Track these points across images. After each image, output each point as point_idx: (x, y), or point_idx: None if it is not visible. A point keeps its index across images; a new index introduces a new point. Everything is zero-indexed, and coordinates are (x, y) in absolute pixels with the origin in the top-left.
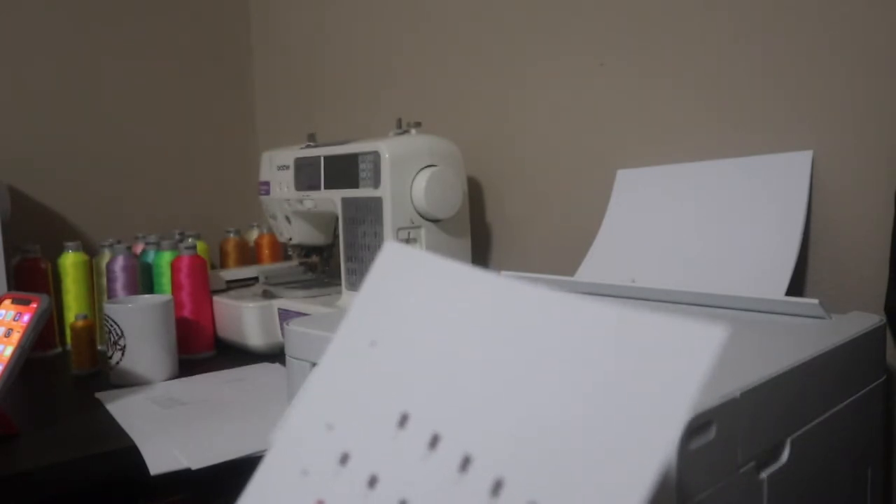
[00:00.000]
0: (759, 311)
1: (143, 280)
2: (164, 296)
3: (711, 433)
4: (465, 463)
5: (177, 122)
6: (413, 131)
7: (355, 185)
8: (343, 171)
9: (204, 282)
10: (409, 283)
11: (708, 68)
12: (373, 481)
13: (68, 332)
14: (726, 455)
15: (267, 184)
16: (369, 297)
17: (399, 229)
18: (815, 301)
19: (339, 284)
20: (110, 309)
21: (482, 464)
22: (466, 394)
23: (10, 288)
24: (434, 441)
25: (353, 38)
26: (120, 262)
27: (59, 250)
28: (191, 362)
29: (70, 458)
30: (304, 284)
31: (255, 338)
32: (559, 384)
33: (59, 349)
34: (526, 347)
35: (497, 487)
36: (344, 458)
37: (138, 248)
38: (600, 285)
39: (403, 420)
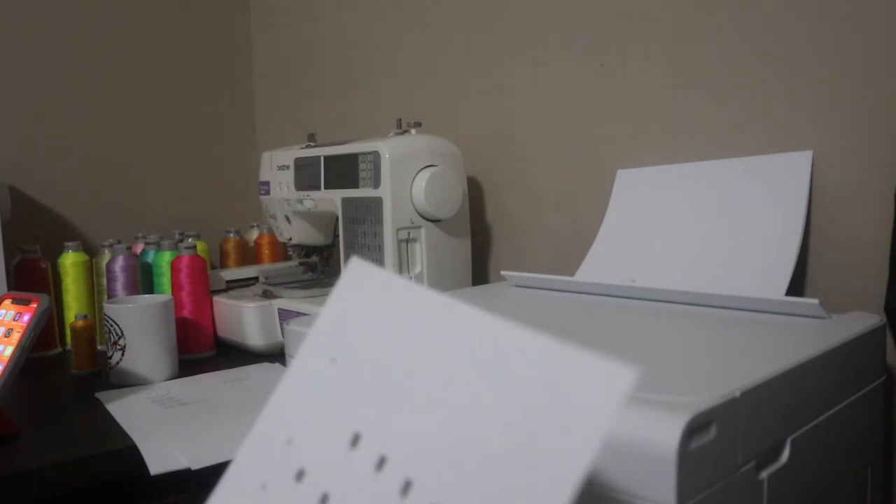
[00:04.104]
0: (759, 311)
1: (143, 280)
2: (163, 296)
3: (711, 433)
4: (406, 487)
5: (177, 123)
6: (413, 131)
7: (355, 185)
8: (343, 171)
9: (204, 282)
10: (371, 302)
11: (708, 68)
12: (324, 500)
13: (68, 332)
14: (726, 455)
15: (267, 184)
16: (333, 313)
17: (399, 229)
18: (815, 301)
19: None
20: (110, 309)
21: (419, 488)
22: (411, 418)
23: (10, 288)
24: (381, 463)
25: (354, 37)
26: (120, 262)
27: (59, 250)
28: (191, 362)
29: (70, 458)
30: (304, 284)
31: (255, 338)
32: (489, 413)
33: (59, 349)
34: (466, 374)
35: None
36: (300, 475)
37: (138, 248)
38: (600, 285)
39: (355, 440)
